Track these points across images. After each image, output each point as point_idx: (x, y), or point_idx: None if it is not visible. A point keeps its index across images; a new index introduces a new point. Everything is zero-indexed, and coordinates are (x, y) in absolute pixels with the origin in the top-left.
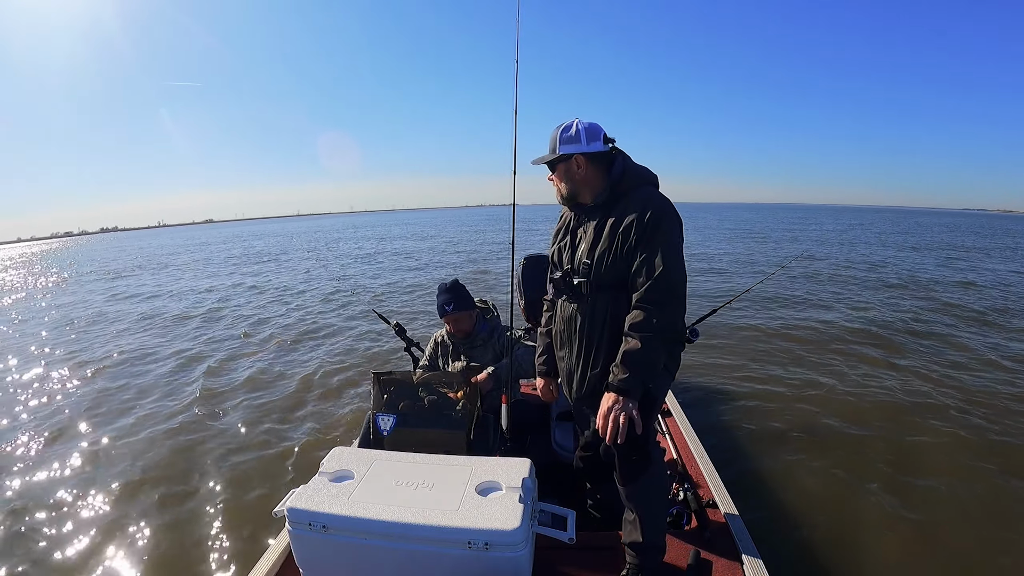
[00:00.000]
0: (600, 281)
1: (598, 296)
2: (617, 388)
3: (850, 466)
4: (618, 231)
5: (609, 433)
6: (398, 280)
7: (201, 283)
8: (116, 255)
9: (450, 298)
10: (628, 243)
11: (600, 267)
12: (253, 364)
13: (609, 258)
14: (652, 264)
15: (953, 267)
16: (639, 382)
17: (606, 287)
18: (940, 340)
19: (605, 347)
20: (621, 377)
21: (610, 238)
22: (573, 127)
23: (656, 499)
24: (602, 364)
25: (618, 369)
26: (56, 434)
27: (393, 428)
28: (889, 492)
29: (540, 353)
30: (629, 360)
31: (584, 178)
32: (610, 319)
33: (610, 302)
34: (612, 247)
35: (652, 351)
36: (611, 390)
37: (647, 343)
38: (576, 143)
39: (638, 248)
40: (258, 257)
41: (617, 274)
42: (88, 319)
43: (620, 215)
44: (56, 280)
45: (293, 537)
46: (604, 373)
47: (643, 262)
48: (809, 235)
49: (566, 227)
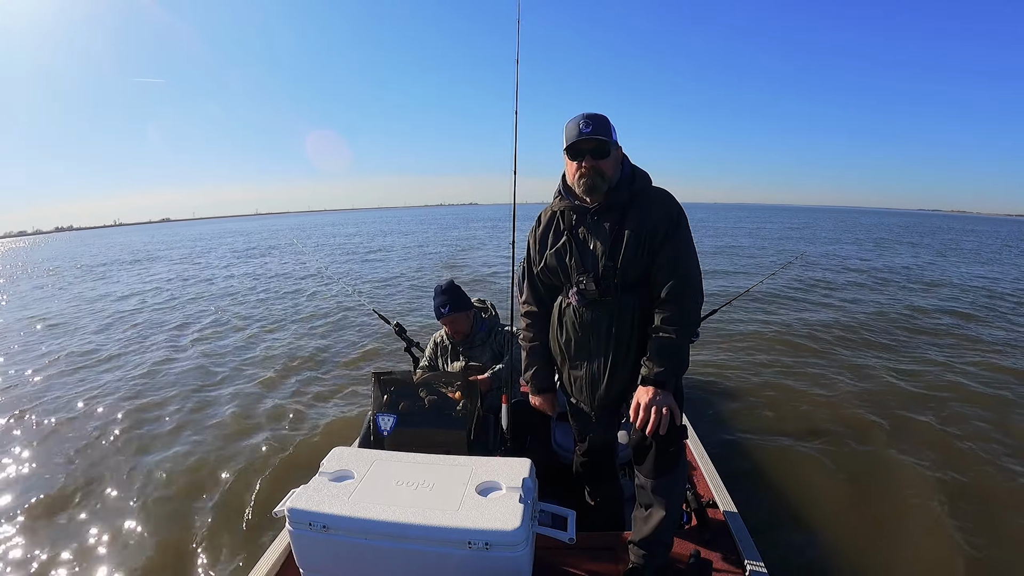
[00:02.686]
0: (626, 282)
1: (625, 297)
2: (654, 380)
3: (850, 465)
4: (644, 231)
5: (651, 424)
6: (389, 275)
7: (203, 274)
8: (98, 251)
9: (446, 300)
10: (655, 242)
11: (627, 268)
12: (252, 364)
13: (636, 258)
14: (677, 260)
15: (954, 265)
16: (673, 374)
17: (631, 288)
18: (940, 340)
19: (635, 347)
20: (657, 370)
21: (636, 238)
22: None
23: (679, 494)
24: (632, 364)
25: (652, 363)
26: (50, 433)
27: (393, 428)
28: (889, 491)
29: (533, 369)
30: (664, 353)
31: (614, 174)
32: (639, 318)
33: (636, 302)
34: (640, 246)
35: (683, 343)
36: (647, 383)
37: (681, 336)
38: (614, 135)
39: (663, 246)
40: (258, 251)
41: (641, 273)
42: (121, 311)
43: (642, 214)
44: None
45: (293, 537)
46: (634, 373)
47: (668, 259)
48: (781, 234)
49: (556, 230)
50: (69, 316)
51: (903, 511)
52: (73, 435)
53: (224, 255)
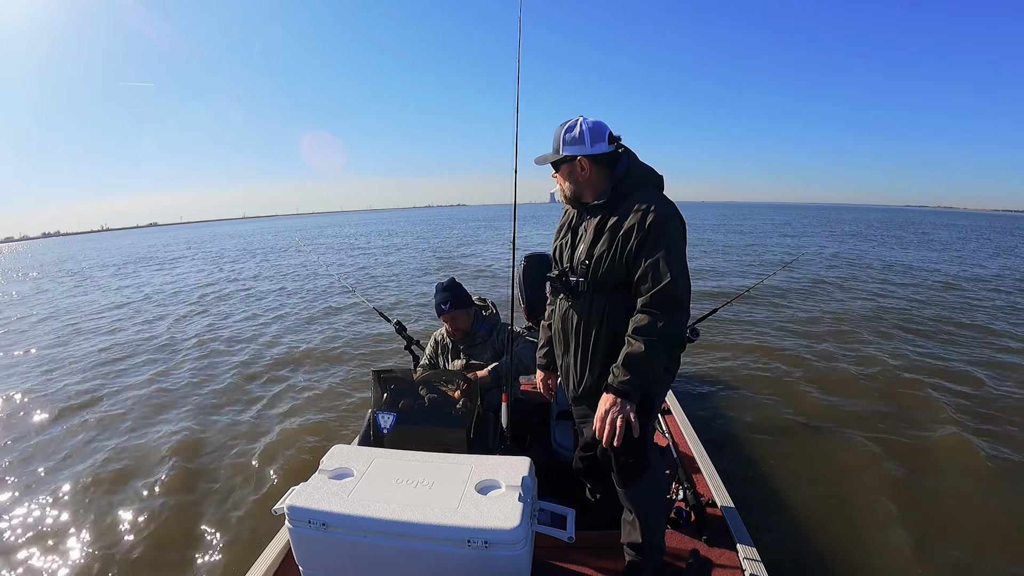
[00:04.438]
0: (597, 281)
1: (595, 296)
2: (616, 390)
3: (849, 464)
4: (618, 233)
5: (606, 436)
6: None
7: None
8: (101, 254)
9: (447, 297)
10: (628, 247)
11: (598, 268)
12: (251, 364)
13: (607, 259)
14: (657, 270)
15: (955, 262)
16: (638, 386)
17: (603, 288)
18: (941, 338)
19: (602, 348)
20: (621, 379)
21: (610, 239)
22: (577, 127)
23: (654, 501)
24: (600, 365)
25: (618, 371)
26: (47, 426)
27: (393, 426)
28: (889, 490)
29: (541, 346)
30: (630, 363)
31: (588, 180)
32: (607, 320)
33: (607, 303)
34: (612, 248)
35: (654, 356)
36: (610, 391)
37: (650, 348)
38: (580, 144)
39: (640, 252)
40: (270, 253)
41: (615, 276)
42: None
43: (621, 217)
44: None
45: (293, 535)
46: (602, 374)
47: (648, 267)
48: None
49: (568, 224)
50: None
51: (903, 510)
52: (72, 432)
53: (239, 256)
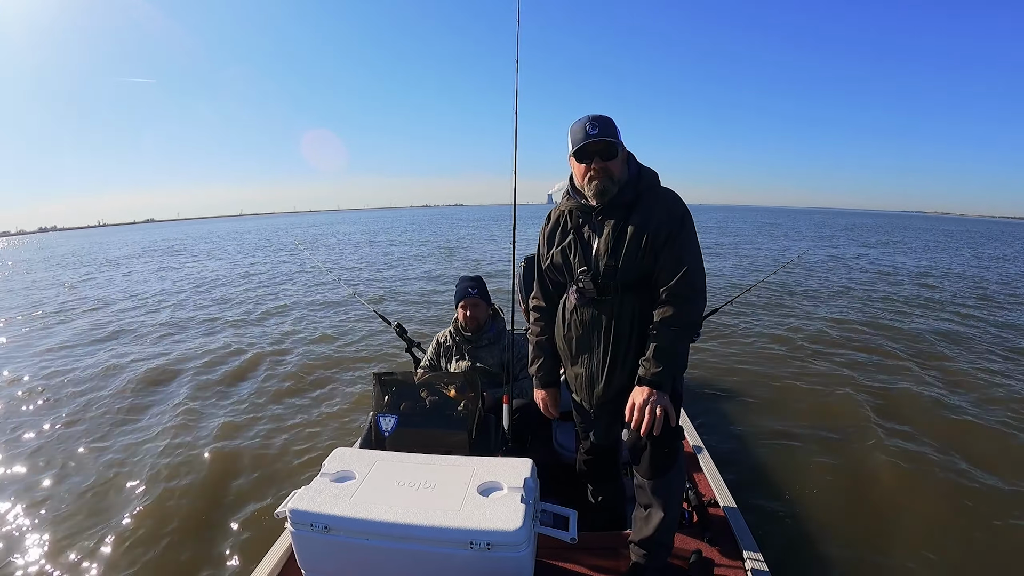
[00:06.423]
0: (627, 281)
1: (625, 296)
2: (650, 381)
3: (851, 464)
4: (647, 230)
5: (645, 424)
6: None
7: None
8: (109, 247)
9: (475, 283)
10: (658, 241)
11: (628, 267)
12: (252, 365)
13: (638, 258)
14: (680, 261)
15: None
16: (670, 375)
17: (632, 287)
18: (941, 337)
19: (635, 346)
20: (654, 371)
21: (638, 237)
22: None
23: (677, 494)
24: (632, 363)
25: (649, 363)
26: (45, 424)
27: (394, 428)
28: (890, 490)
29: (539, 362)
30: (661, 354)
31: (622, 174)
32: (639, 318)
33: (636, 301)
34: (642, 246)
35: (682, 344)
36: (644, 383)
37: (678, 337)
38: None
39: (667, 246)
40: (269, 249)
41: (643, 273)
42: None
43: (646, 214)
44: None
45: (295, 538)
46: (633, 371)
47: (671, 259)
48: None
49: (563, 228)
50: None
51: (904, 509)
52: (71, 431)
53: (241, 250)
